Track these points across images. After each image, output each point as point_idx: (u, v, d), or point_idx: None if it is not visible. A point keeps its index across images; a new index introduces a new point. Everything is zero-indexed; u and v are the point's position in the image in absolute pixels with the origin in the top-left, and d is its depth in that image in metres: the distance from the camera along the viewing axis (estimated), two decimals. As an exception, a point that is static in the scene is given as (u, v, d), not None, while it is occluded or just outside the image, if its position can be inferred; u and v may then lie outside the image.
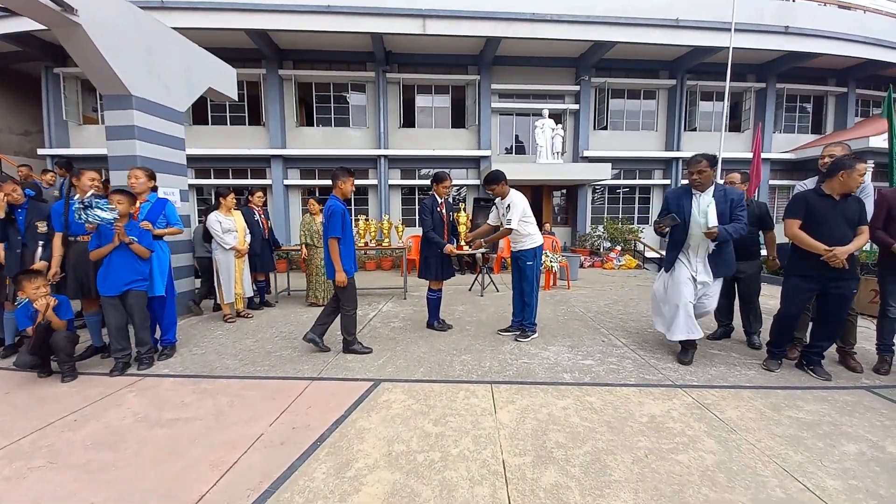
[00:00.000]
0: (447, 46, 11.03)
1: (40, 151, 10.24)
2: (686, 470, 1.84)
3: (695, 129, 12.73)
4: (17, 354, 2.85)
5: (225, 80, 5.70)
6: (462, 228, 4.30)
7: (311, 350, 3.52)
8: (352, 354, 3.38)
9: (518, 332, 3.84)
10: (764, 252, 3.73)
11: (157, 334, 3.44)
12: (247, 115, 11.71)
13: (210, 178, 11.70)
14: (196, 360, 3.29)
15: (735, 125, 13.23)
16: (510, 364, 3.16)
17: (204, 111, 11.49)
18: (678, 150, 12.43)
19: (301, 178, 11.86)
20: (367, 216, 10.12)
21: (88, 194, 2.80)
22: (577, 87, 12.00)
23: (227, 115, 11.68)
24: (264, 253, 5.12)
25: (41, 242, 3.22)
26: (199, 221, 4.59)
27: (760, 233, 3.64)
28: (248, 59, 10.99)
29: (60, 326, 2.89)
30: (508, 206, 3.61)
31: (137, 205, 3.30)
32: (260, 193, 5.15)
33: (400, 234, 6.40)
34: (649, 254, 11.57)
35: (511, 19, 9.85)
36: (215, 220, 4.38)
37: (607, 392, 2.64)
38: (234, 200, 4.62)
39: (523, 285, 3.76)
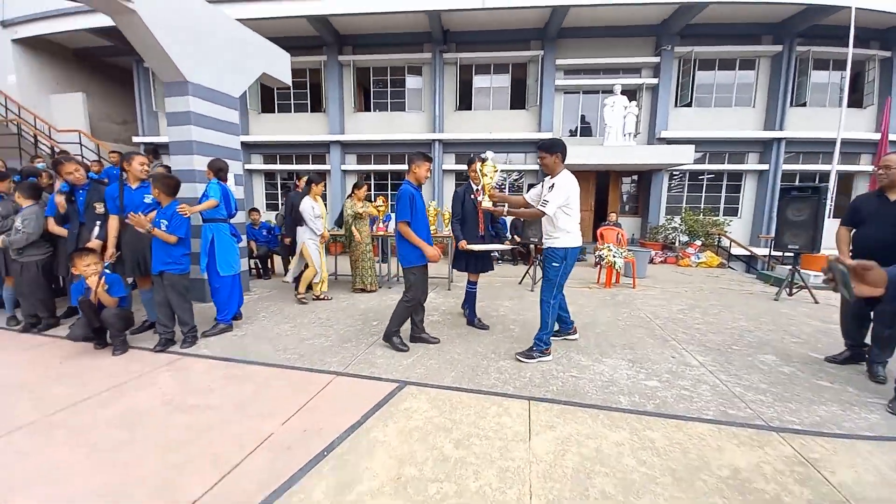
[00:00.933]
0: (508, 21, 10.30)
1: (135, 139, 11.53)
2: (787, 561, 1.34)
3: (804, 104, 10.66)
4: (71, 327, 3.05)
5: (279, 65, 5.75)
6: (486, 181, 3.21)
7: (343, 340, 3.40)
8: (382, 349, 3.20)
9: (567, 334, 3.38)
10: None
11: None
12: (309, 102, 12.09)
13: (276, 163, 12.36)
14: (235, 343, 3.32)
15: (856, 100, 10.84)
16: (555, 377, 2.74)
17: (271, 100, 12.08)
18: (781, 128, 10.51)
19: (357, 164, 12.05)
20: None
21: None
22: (656, 59, 10.59)
23: (292, 102, 12.15)
24: (309, 237, 5.13)
25: (98, 222, 3.43)
26: (282, 204, 4.91)
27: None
28: (310, 46, 11.26)
29: (111, 304, 3.04)
30: (553, 185, 2.91)
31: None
32: (305, 179, 5.13)
33: (446, 221, 6.09)
34: (736, 250, 10.07)
35: (581, -16, 8.85)
36: (309, 205, 4.53)
37: (675, 428, 2.13)
38: (323, 188, 4.84)
39: (542, 288, 3.05)
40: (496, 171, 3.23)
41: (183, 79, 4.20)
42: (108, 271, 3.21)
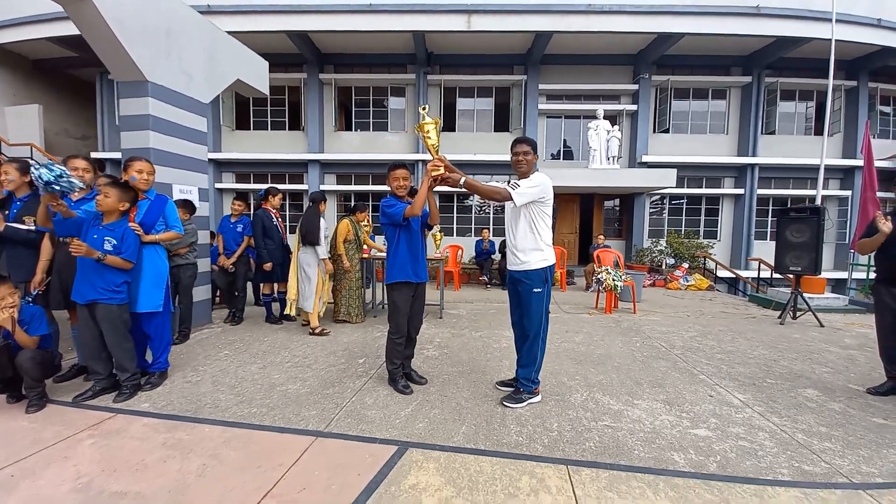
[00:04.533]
0: (492, 45, 10.36)
1: (94, 154, 10.59)
2: None
3: (773, 133, 11.12)
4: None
5: (256, 72, 5.30)
6: (431, 141, 2.54)
7: (324, 384, 2.82)
8: (373, 395, 2.64)
9: (512, 391, 2.64)
10: None
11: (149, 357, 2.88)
12: (287, 120, 11.62)
13: (250, 182, 11.69)
14: (186, 392, 2.67)
15: (822, 128, 11.47)
16: (587, 427, 2.26)
17: (246, 116, 11.54)
18: (754, 155, 10.87)
19: (337, 184, 11.56)
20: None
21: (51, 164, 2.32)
22: (635, 87, 10.86)
23: (269, 119, 11.65)
24: (284, 261, 4.55)
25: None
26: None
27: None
28: (290, 63, 10.92)
29: (27, 344, 2.37)
30: (530, 179, 2.49)
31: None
32: (280, 195, 4.60)
33: (437, 243, 5.66)
34: (721, 272, 10.10)
35: (564, 11, 9.00)
36: (323, 224, 4.17)
37: (756, 497, 1.69)
38: (325, 205, 4.42)
39: (524, 323, 2.55)
40: (437, 124, 2.48)
41: (142, 78, 3.66)
42: (27, 301, 2.55)
